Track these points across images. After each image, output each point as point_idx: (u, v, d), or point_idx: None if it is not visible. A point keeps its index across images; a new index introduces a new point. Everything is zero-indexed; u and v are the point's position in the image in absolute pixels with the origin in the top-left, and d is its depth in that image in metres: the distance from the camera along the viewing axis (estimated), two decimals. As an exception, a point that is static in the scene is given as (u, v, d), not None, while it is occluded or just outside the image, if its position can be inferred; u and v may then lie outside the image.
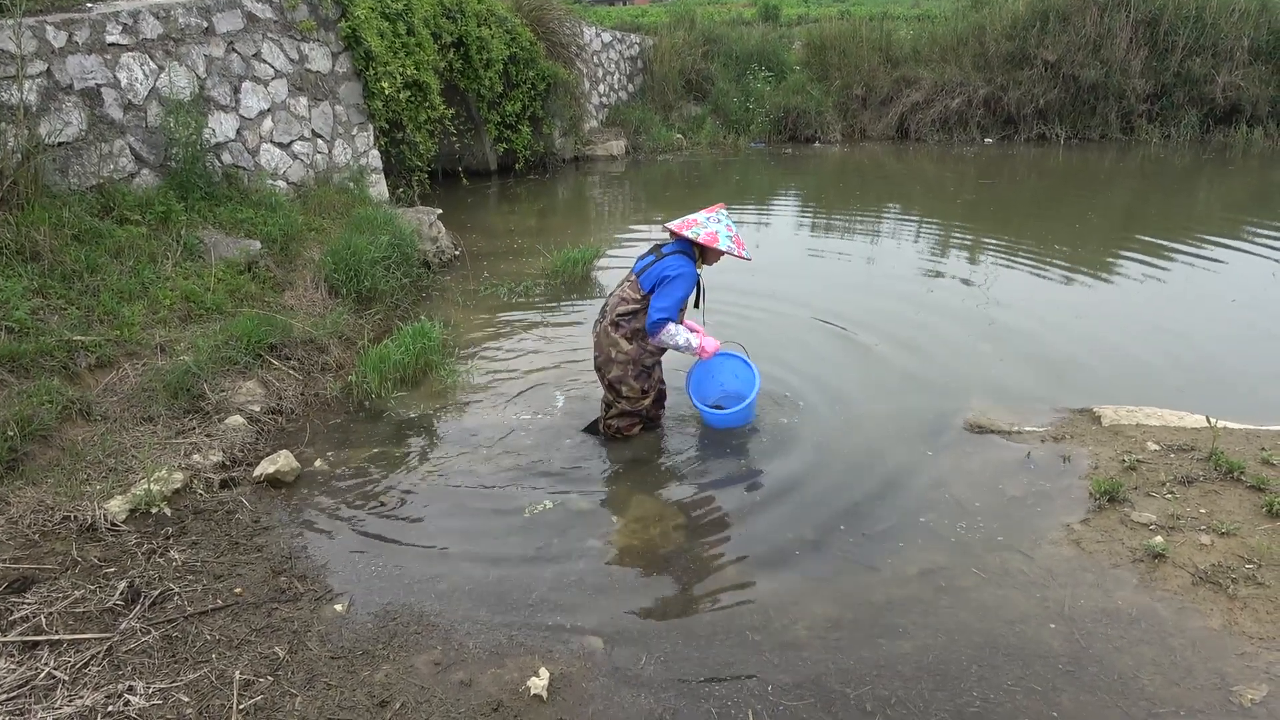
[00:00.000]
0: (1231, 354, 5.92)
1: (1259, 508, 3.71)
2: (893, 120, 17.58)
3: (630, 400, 4.57)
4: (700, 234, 4.32)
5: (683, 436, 4.79)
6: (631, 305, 4.43)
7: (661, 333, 4.30)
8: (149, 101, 6.18)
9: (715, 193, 12.90)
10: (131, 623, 3.11)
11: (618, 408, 4.63)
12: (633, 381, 4.51)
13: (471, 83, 11.56)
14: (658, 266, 4.38)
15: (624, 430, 4.70)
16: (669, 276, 4.32)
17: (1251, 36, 16.36)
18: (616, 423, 4.68)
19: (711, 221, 4.39)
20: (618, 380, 4.51)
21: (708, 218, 4.41)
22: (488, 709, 2.76)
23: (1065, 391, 5.28)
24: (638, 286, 4.43)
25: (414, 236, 7.87)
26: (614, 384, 4.54)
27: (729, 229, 4.41)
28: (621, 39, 16.95)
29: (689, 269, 4.36)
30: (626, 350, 4.45)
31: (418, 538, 3.81)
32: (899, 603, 3.30)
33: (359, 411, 5.12)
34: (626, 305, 4.44)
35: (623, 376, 4.50)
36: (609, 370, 4.52)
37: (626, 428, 4.70)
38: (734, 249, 4.36)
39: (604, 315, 4.56)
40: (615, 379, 4.52)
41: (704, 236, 4.32)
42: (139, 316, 5.06)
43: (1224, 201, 11.86)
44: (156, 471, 3.98)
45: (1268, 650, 2.91)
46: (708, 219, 4.40)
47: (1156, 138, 16.88)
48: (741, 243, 4.42)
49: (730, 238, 4.37)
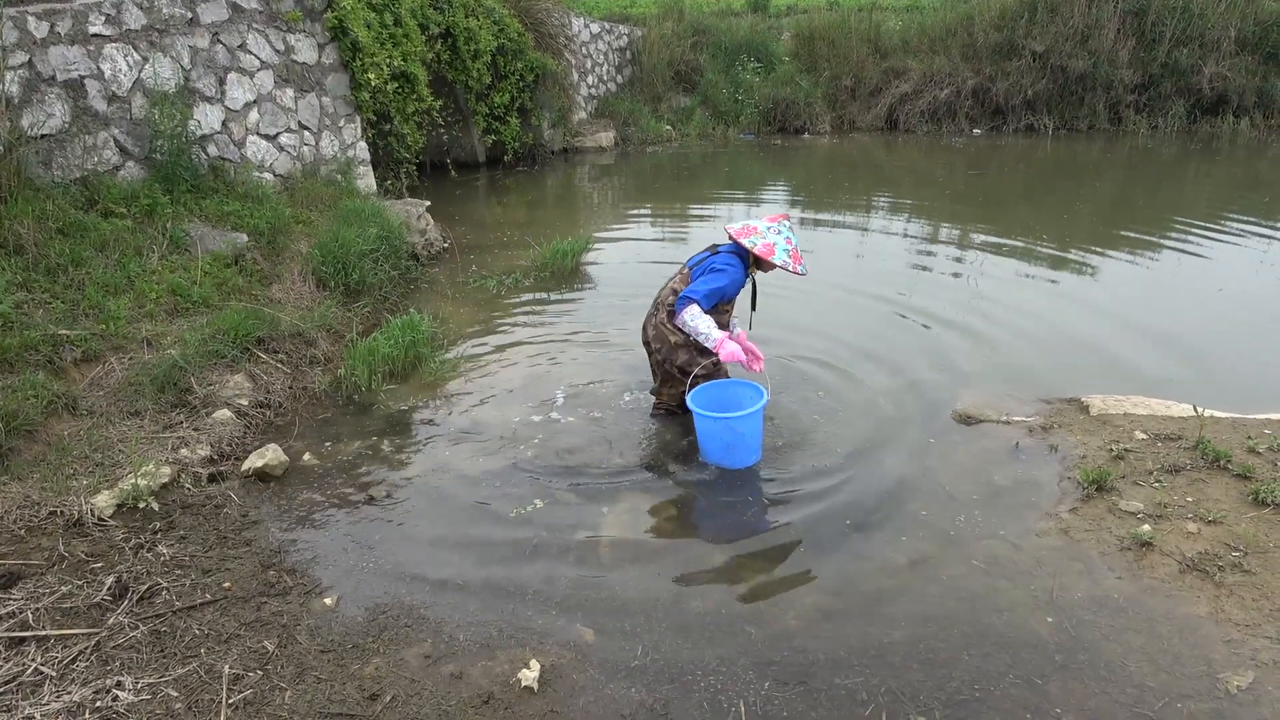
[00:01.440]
0: (1218, 343, 5.95)
1: (1245, 496, 3.73)
2: (881, 111, 17.59)
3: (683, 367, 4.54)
4: (757, 244, 4.29)
5: (671, 431, 4.79)
6: None
7: (684, 312, 4.24)
8: (133, 93, 6.13)
9: (705, 185, 12.89)
10: (119, 618, 3.09)
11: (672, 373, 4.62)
12: (699, 357, 4.49)
13: (459, 74, 11.51)
14: (709, 260, 4.41)
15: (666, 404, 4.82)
16: (715, 268, 4.33)
17: (1238, 27, 16.43)
18: (665, 399, 4.80)
19: (771, 233, 4.34)
20: (668, 355, 4.54)
21: (768, 227, 4.36)
22: (478, 701, 2.76)
23: (1054, 381, 5.30)
24: (689, 279, 4.44)
25: (402, 229, 7.84)
26: (665, 360, 4.57)
27: (789, 241, 4.34)
28: (610, 30, 16.89)
29: (737, 269, 4.36)
30: (682, 334, 4.46)
31: (407, 531, 3.80)
32: (889, 592, 3.31)
33: (348, 405, 5.10)
34: (676, 297, 4.44)
35: (672, 352, 4.53)
36: (674, 357, 4.54)
37: (668, 399, 4.79)
38: (789, 263, 4.29)
39: (656, 309, 4.58)
40: (664, 356, 4.55)
41: (760, 247, 4.28)
42: (125, 310, 5.02)
43: (1211, 192, 11.91)
44: (144, 466, 3.96)
45: (1254, 637, 2.94)
46: (768, 229, 4.35)
47: (1144, 128, 16.94)
48: (799, 257, 4.35)
49: (788, 251, 4.31)
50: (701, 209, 11.15)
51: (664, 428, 4.77)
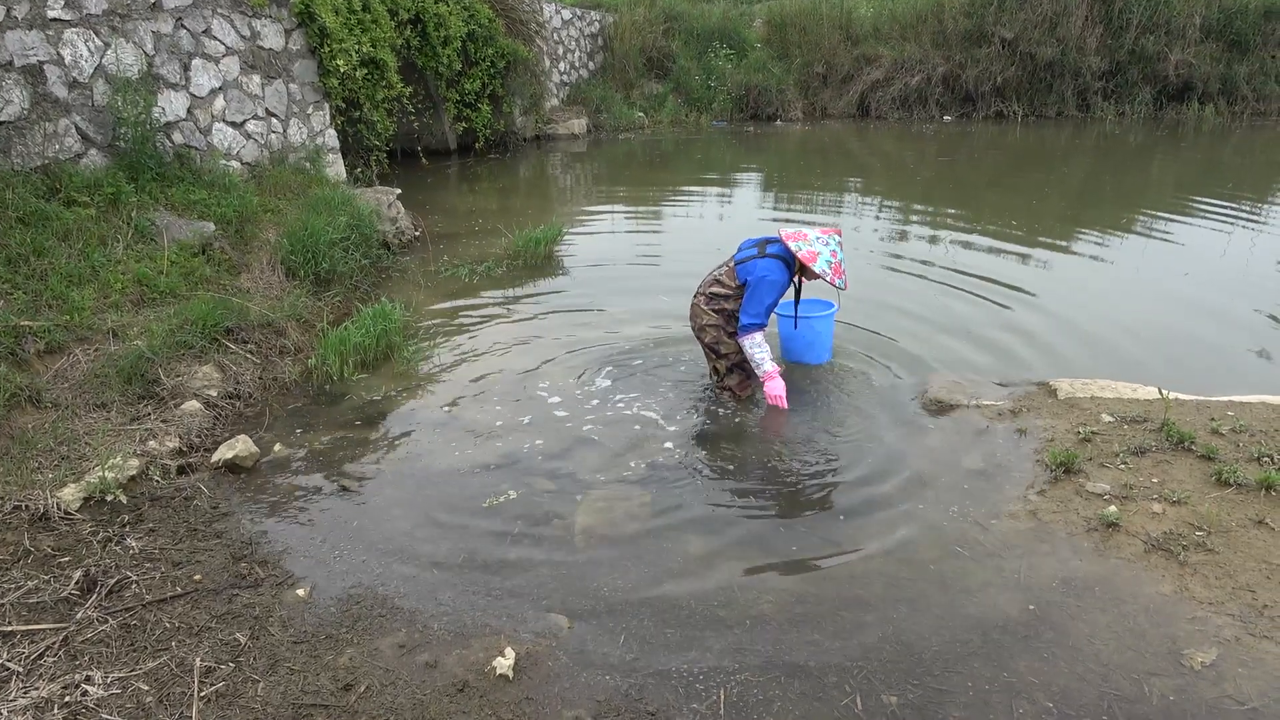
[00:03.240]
0: (1183, 327, 6.05)
1: (1209, 476, 3.80)
2: (853, 98, 17.68)
3: (731, 356, 4.79)
4: (803, 249, 4.52)
5: (649, 421, 4.79)
6: (725, 290, 4.72)
7: (747, 339, 4.56)
8: (95, 79, 6.01)
9: (677, 172, 12.89)
10: (88, 612, 3.05)
11: (723, 366, 4.85)
12: (728, 339, 4.74)
13: (429, 60, 11.40)
14: (755, 264, 4.59)
15: (738, 390, 4.88)
16: (762, 278, 4.52)
17: (1203, 14, 16.64)
18: (731, 384, 4.89)
19: (819, 243, 4.55)
20: (715, 341, 4.78)
21: (818, 238, 4.58)
22: (453, 690, 2.75)
23: (1023, 365, 5.37)
24: (734, 275, 4.69)
25: (373, 217, 7.77)
26: (713, 346, 4.81)
27: (834, 255, 4.56)
28: (581, 16, 16.80)
29: (782, 275, 4.57)
30: (714, 317, 4.75)
31: (380, 521, 3.78)
32: (861, 576, 3.35)
33: (319, 395, 5.06)
34: (720, 288, 4.74)
35: (718, 337, 4.76)
36: (705, 335, 4.82)
37: (738, 386, 4.88)
38: (828, 274, 4.53)
39: (699, 289, 4.88)
40: (712, 341, 4.79)
41: (804, 253, 4.51)
42: (89, 301, 4.94)
43: (1177, 177, 12.09)
44: (111, 459, 3.90)
45: (1216, 614, 3.00)
46: (817, 239, 4.57)
47: (1111, 115, 17.15)
48: (840, 271, 4.57)
49: (830, 263, 4.53)
50: (675, 196, 11.14)
51: (641, 422, 4.77)
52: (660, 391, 5.05)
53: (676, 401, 4.94)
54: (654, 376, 5.25)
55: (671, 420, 4.73)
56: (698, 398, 4.97)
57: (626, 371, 5.34)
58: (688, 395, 5.01)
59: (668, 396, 4.99)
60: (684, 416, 4.77)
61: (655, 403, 4.93)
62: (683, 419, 4.74)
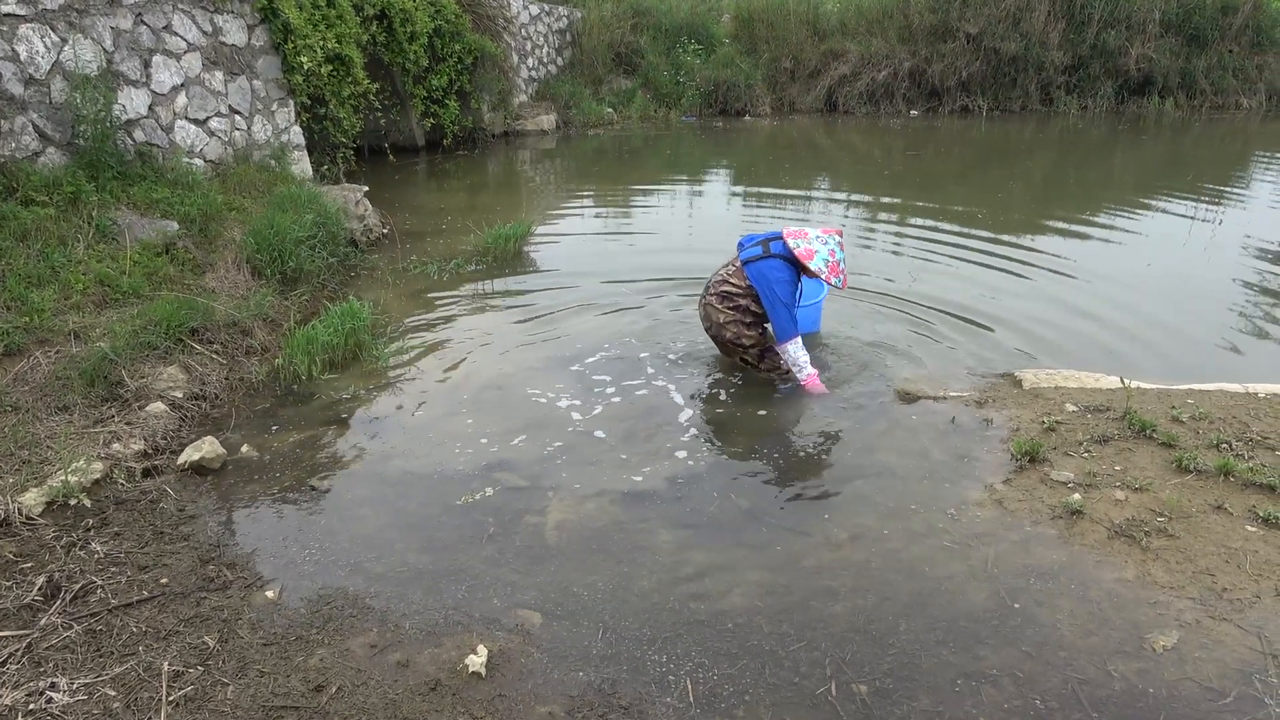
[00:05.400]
0: (1145, 317, 6.17)
1: (1169, 463, 3.87)
2: (821, 93, 17.77)
3: (757, 346, 4.89)
4: (800, 247, 4.65)
5: (620, 415, 4.80)
6: (736, 289, 4.81)
7: (789, 345, 4.71)
8: (52, 76, 5.89)
9: (647, 168, 12.89)
10: (52, 618, 3.01)
11: (752, 356, 4.94)
12: (747, 331, 4.82)
13: (396, 56, 11.31)
14: (762, 268, 4.69)
15: (776, 372, 4.99)
16: (770, 288, 4.63)
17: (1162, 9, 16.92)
18: (767, 367, 4.98)
19: (818, 242, 4.67)
20: (736, 336, 4.84)
21: (817, 236, 4.70)
22: (425, 689, 2.75)
23: (989, 356, 5.44)
24: (743, 275, 4.78)
25: (340, 215, 7.70)
26: (735, 341, 4.86)
27: (831, 254, 4.68)
28: (550, 11, 16.73)
29: (787, 273, 4.68)
30: (731, 314, 4.81)
31: (351, 521, 3.76)
32: (830, 566, 3.38)
33: (287, 395, 5.01)
34: (730, 287, 4.83)
35: (739, 332, 4.82)
36: (725, 332, 4.86)
37: (772, 368, 4.98)
38: (824, 272, 4.66)
39: (705, 292, 4.97)
40: (733, 337, 4.85)
41: (801, 250, 4.64)
42: (49, 302, 4.85)
43: (1138, 170, 12.29)
44: (74, 462, 3.84)
45: (1178, 599, 3.06)
46: (816, 237, 4.69)
47: (1074, 108, 17.39)
48: (838, 270, 4.70)
49: (827, 263, 4.66)
50: (644, 192, 11.15)
51: (611, 418, 4.77)
52: (630, 386, 5.06)
53: (646, 396, 4.95)
54: (624, 370, 5.26)
55: (641, 415, 4.73)
56: (667, 392, 4.98)
57: (597, 366, 5.34)
58: (657, 389, 5.02)
59: (637, 391, 5.00)
60: (653, 410, 4.78)
61: (625, 397, 4.94)
62: (652, 413, 4.75)
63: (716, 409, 4.79)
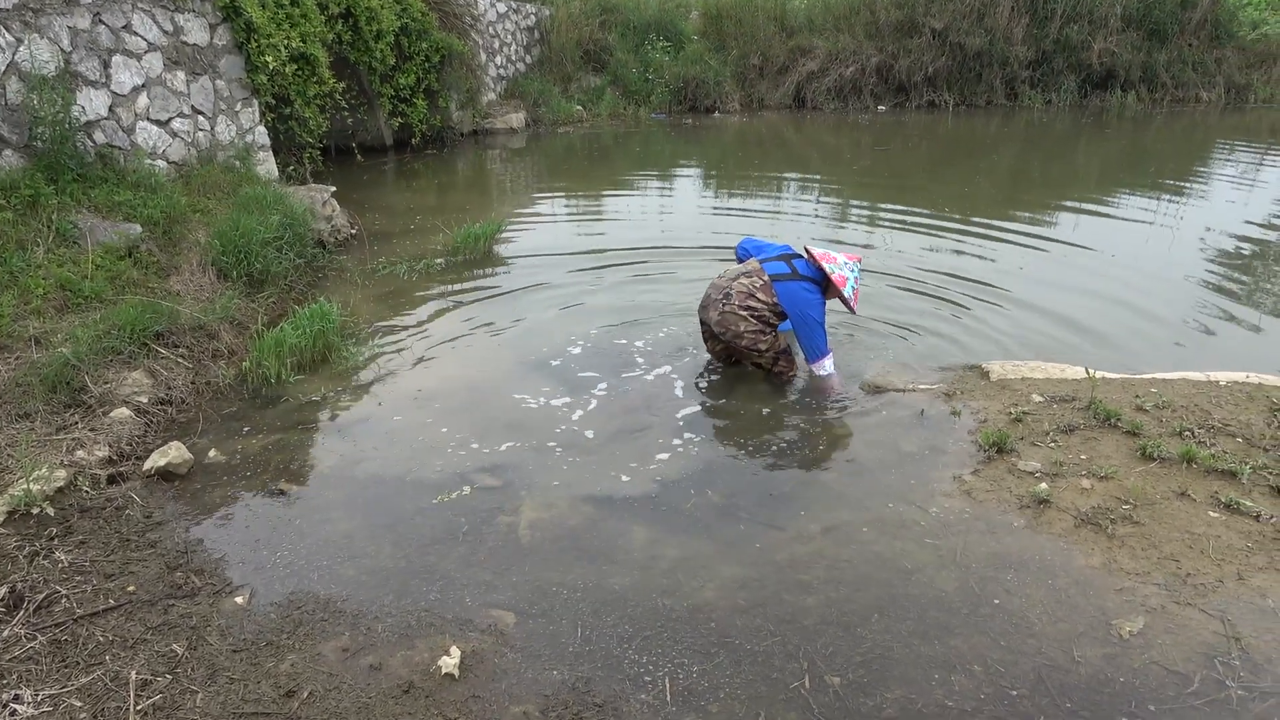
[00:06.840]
0: (1110, 307, 6.25)
1: (1134, 451, 3.94)
2: (789, 89, 17.85)
3: (771, 350, 4.88)
4: (835, 272, 4.74)
5: (591, 413, 4.79)
6: (760, 304, 4.75)
7: (825, 362, 4.80)
8: (8, 77, 5.77)
9: (617, 165, 12.88)
10: (15, 629, 2.95)
11: (767, 361, 4.94)
12: (764, 337, 4.81)
13: (362, 55, 11.20)
14: (795, 290, 4.74)
15: (789, 372, 5.04)
16: (807, 315, 4.70)
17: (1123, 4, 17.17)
18: (781, 369, 5.01)
19: (847, 269, 4.80)
20: (754, 343, 4.81)
21: (846, 263, 4.82)
22: (399, 691, 2.73)
23: (957, 349, 5.50)
24: (770, 291, 4.76)
25: (307, 215, 7.61)
26: (753, 347, 4.83)
27: (856, 281, 4.84)
28: (518, 9, 16.66)
29: (819, 296, 4.78)
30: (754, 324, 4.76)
31: (321, 525, 3.72)
32: (803, 559, 3.40)
33: (255, 398, 4.95)
34: (756, 302, 4.76)
35: (758, 338, 4.79)
36: (743, 340, 4.81)
37: (788, 369, 5.03)
38: (851, 300, 4.81)
39: (727, 299, 4.81)
40: (750, 344, 4.81)
41: (836, 276, 4.74)
42: (9, 308, 4.76)
43: (1101, 163, 12.46)
44: (36, 470, 3.77)
45: (1144, 585, 3.11)
46: (845, 264, 4.81)
47: (1039, 103, 17.59)
48: (857, 298, 4.88)
49: (854, 290, 4.81)
50: (614, 190, 11.14)
51: (587, 417, 4.76)
52: (600, 384, 5.05)
53: (616, 394, 4.95)
54: (594, 369, 5.25)
55: (612, 413, 4.73)
56: (638, 390, 4.99)
57: (566, 365, 5.33)
58: (628, 387, 5.02)
59: (607, 389, 5.00)
60: (625, 409, 4.78)
61: (595, 395, 4.93)
62: (623, 411, 4.75)
63: (682, 407, 4.80)
